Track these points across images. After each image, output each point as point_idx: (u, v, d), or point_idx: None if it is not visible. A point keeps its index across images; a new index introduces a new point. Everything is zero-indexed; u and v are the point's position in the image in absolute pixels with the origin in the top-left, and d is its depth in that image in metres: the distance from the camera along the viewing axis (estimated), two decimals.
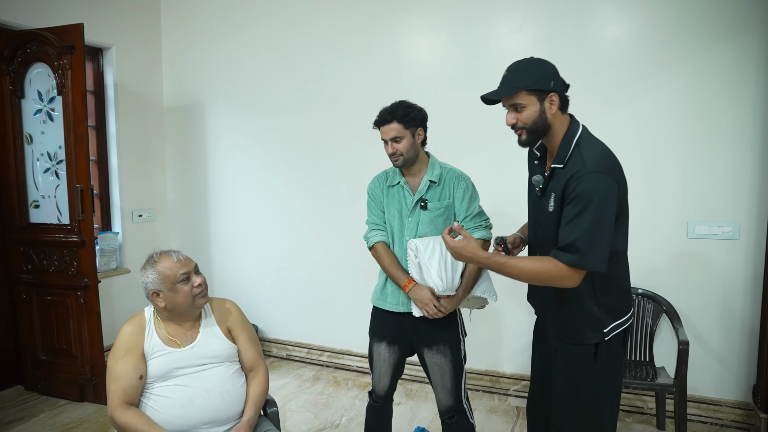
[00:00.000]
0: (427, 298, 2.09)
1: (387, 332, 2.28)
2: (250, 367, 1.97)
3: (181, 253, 1.90)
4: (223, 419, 1.84)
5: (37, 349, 3.42)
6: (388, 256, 2.22)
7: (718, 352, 2.95)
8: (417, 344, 2.25)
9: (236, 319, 2.00)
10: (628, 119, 2.99)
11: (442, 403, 2.24)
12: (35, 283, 3.37)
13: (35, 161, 3.35)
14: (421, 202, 2.18)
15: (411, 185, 2.23)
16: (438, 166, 2.23)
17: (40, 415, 3.15)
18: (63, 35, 3.13)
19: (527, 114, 1.66)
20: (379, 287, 2.31)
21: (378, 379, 2.32)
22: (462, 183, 2.20)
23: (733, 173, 2.84)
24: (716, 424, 2.94)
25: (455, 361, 2.20)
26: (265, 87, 3.97)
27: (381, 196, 2.28)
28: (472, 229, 2.20)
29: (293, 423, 3.08)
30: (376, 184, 2.32)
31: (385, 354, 2.28)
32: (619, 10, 3.00)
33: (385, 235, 2.27)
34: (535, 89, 1.64)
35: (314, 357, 3.98)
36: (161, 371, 1.81)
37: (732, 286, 2.89)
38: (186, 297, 1.83)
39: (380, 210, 2.29)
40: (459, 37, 3.37)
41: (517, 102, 1.66)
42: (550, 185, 1.70)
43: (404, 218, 2.21)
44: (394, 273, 2.18)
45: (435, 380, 2.23)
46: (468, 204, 2.20)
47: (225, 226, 4.27)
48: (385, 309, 2.27)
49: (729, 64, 2.79)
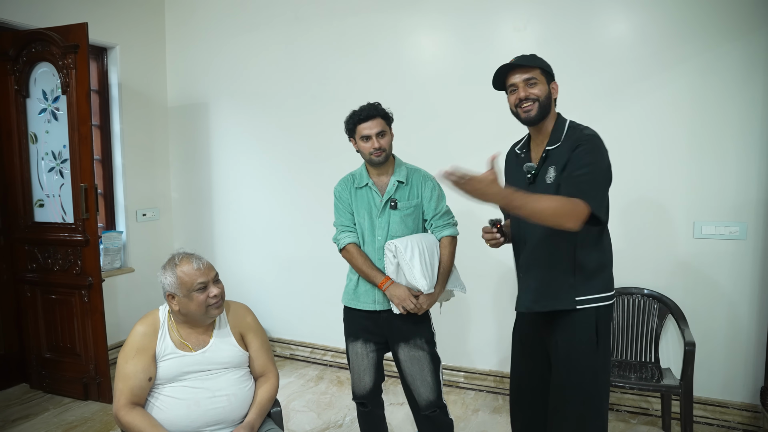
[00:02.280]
0: (404, 294, 2.14)
1: (362, 331, 2.31)
2: (261, 373, 1.97)
3: (203, 260, 1.88)
4: (228, 422, 1.84)
5: (41, 348, 3.43)
6: (361, 256, 2.25)
7: (725, 353, 2.92)
8: (393, 341, 2.27)
9: (250, 325, 2.00)
10: (632, 118, 2.96)
11: (423, 398, 2.25)
12: (40, 282, 3.38)
13: (40, 160, 3.36)
14: (391, 202, 2.23)
15: (378, 186, 2.27)
16: (404, 167, 2.29)
17: (45, 413, 3.16)
18: (67, 35, 3.14)
19: (540, 89, 1.83)
20: (351, 288, 2.33)
21: (358, 379, 2.33)
22: (429, 183, 2.28)
23: (739, 173, 2.81)
24: (723, 426, 2.92)
25: (432, 353, 2.26)
26: (269, 86, 3.97)
27: (349, 198, 2.31)
28: (441, 227, 2.28)
29: (296, 422, 3.08)
30: (343, 186, 2.34)
31: (362, 352, 2.30)
32: (623, 9, 2.98)
33: (355, 236, 2.30)
34: (547, 72, 1.85)
35: (318, 356, 3.98)
36: (171, 374, 1.81)
37: (739, 287, 2.87)
38: (199, 306, 1.82)
39: (348, 212, 2.31)
40: (463, 36, 3.35)
41: (533, 76, 1.82)
42: (545, 165, 1.83)
43: (374, 218, 2.25)
44: (369, 272, 2.22)
45: (414, 375, 2.25)
46: (436, 203, 2.27)
47: (229, 226, 4.27)
48: (358, 308, 2.30)
49: (735, 63, 2.77)
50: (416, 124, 3.41)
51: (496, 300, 3.39)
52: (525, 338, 2.04)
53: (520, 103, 1.84)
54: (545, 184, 1.80)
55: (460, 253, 2.36)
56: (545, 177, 1.81)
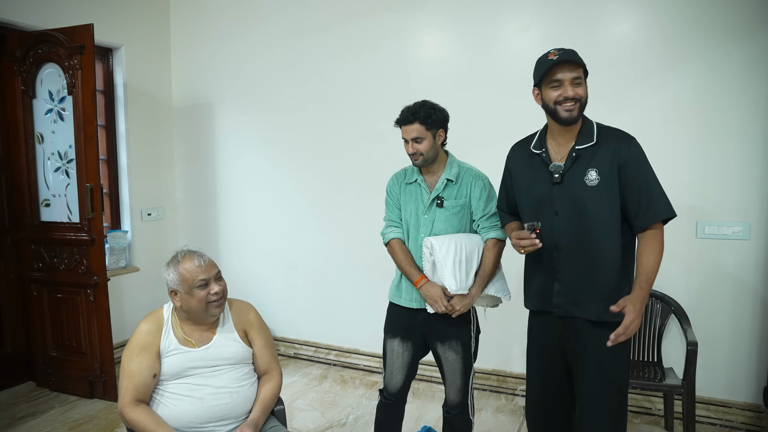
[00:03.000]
0: (437, 295, 2.11)
1: (401, 328, 2.29)
2: (265, 370, 1.99)
3: (205, 257, 1.89)
4: (231, 417, 1.85)
5: (48, 346, 3.46)
6: (402, 252, 2.24)
7: (728, 353, 2.92)
8: (430, 339, 2.26)
9: (254, 322, 2.01)
10: (636, 118, 2.96)
11: (450, 398, 2.27)
12: (46, 281, 3.41)
13: (46, 160, 3.39)
14: (437, 200, 2.20)
15: (428, 183, 2.24)
16: (456, 165, 2.25)
17: (51, 411, 3.19)
18: (73, 36, 3.16)
19: (583, 90, 1.81)
20: (395, 283, 2.33)
21: (390, 376, 2.32)
22: (479, 182, 2.22)
23: (742, 173, 2.81)
24: (726, 426, 2.92)
25: (465, 358, 2.22)
26: (273, 86, 3.99)
27: (398, 194, 2.30)
28: (488, 229, 2.21)
29: (300, 421, 3.09)
30: (395, 181, 2.34)
31: (399, 350, 2.28)
32: (626, 9, 2.98)
33: (401, 231, 2.29)
34: (586, 73, 1.83)
35: (322, 355, 3.99)
36: (175, 370, 1.83)
37: (742, 287, 2.87)
38: (200, 303, 1.83)
39: (396, 207, 2.30)
40: (467, 36, 3.36)
41: (579, 75, 1.79)
42: (577, 165, 1.81)
43: (420, 215, 2.23)
44: (407, 269, 2.21)
45: (447, 375, 2.26)
46: (485, 203, 2.21)
47: (233, 225, 4.29)
48: (399, 305, 2.29)
49: (739, 62, 2.77)
50: None
51: None
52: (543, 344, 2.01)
53: (564, 101, 1.78)
54: (585, 186, 1.79)
55: None
56: (583, 179, 1.79)
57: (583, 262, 1.83)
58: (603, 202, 1.78)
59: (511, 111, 3.23)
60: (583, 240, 1.81)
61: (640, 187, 1.76)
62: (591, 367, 1.84)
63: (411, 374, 2.34)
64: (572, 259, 1.85)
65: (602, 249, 1.80)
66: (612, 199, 1.77)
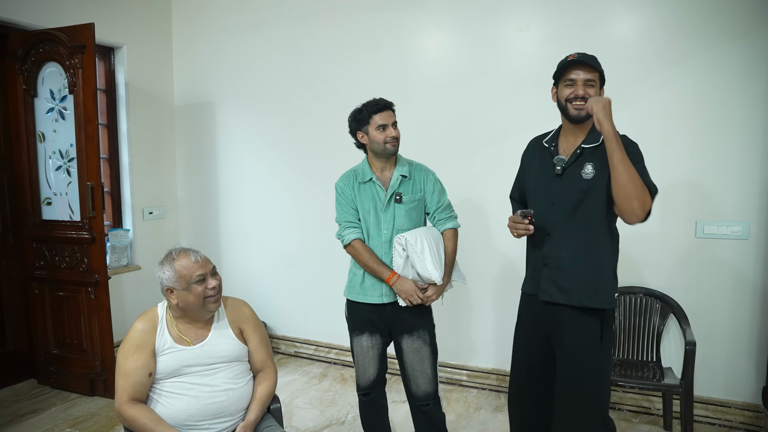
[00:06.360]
0: (411, 289, 2.19)
1: (367, 324, 2.34)
2: (260, 368, 2.00)
3: (200, 254, 1.91)
4: (226, 415, 1.86)
5: (49, 344, 3.48)
6: (367, 252, 2.28)
7: (727, 353, 2.92)
8: (396, 332, 2.31)
9: (249, 320, 2.02)
10: (635, 118, 2.95)
11: (422, 389, 2.29)
12: (47, 279, 3.43)
13: (47, 159, 3.41)
14: (396, 196, 2.26)
15: (382, 180, 2.30)
16: (405, 161, 2.34)
17: (52, 408, 3.21)
18: (74, 35, 3.17)
19: (594, 92, 1.89)
20: (357, 282, 2.35)
21: (363, 371, 2.37)
22: (430, 177, 2.34)
23: (742, 172, 2.80)
24: (725, 426, 2.91)
25: (433, 346, 2.31)
26: (274, 85, 4.00)
27: (352, 194, 2.32)
28: (444, 220, 2.32)
29: (299, 419, 3.10)
30: (346, 182, 2.35)
31: (367, 344, 2.34)
32: (626, 8, 2.97)
33: (360, 231, 2.31)
34: (602, 78, 1.94)
35: (322, 354, 4.00)
36: (170, 368, 1.84)
37: (741, 287, 2.86)
38: (198, 298, 1.84)
39: (352, 208, 2.33)
40: (467, 35, 3.36)
41: (593, 78, 1.89)
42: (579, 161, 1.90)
43: (380, 213, 2.27)
44: (375, 268, 2.25)
45: (414, 366, 2.29)
46: (438, 196, 2.32)
47: (234, 224, 4.31)
48: (365, 302, 2.33)
49: (738, 62, 2.76)
50: (420, 122, 3.42)
51: (498, 300, 3.40)
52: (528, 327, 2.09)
53: (574, 99, 1.88)
54: (581, 179, 1.88)
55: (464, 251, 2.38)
56: (580, 172, 1.88)
57: (572, 251, 1.91)
58: (595, 196, 1.86)
59: (512, 110, 3.23)
60: (574, 230, 1.90)
61: None
62: (566, 358, 1.91)
63: (383, 366, 2.39)
64: (562, 247, 1.93)
65: (590, 240, 1.89)
66: (607, 188, 1.84)
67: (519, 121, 3.20)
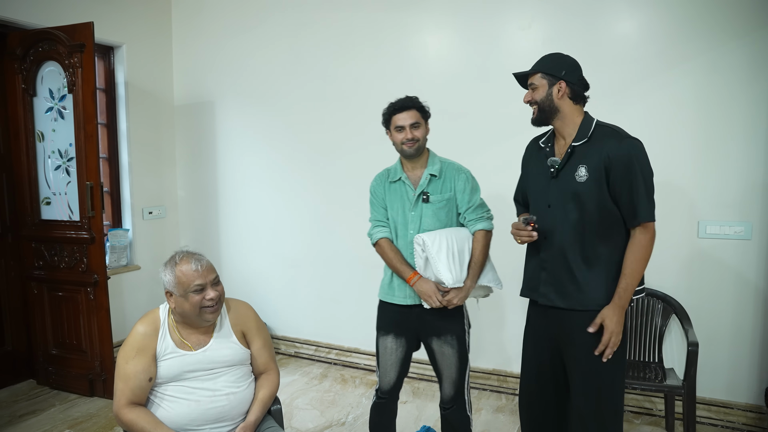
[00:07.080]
0: (431, 290, 2.14)
1: (394, 325, 2.30)
2: (263, 370, 1.98)
3: (204, 261, 1.84)
4: (227, 419, 1.84)
5: (48, 344, 3.47)
6: (392, 251, 2.25)
7: (730, 353, 2.90)
8: (424, 335, 2.27)
9: (252, 323, 1.99)
10: (637, 117, 2.94)
11: (446, 392, 2.28)
12: (46, 279, 3.42)
13: (47, 158, 3.40)
14: (423, 195, 2.22)
15: (412, 180, 2.27)
16: (437, 160, 2.28)
17: (51, 408, 3.20)
18: (74, 34, 3.16)
19: (537, 93, 1.92)
20: (386, 282, 2.33)
21: (384, 373, 2.33)
22: (462, 176, 2.26)
23: (744, 172, 2.79)
24: (727, 427, 2.90)
25: (461, 351, 2.25)
26: (275, 84, 3.98)
27: (383, 193, 2.32)
28: (475, 221, 2.24)
29: (300, 420, 3.09)
30: (378, 181, 2.36)
31: (392, 347, 2.30)
32: (628, 7, 2.96)
33: (388, 231, 2.30)
34: (547, 74, 1.91)
35: (322, 354, 3.99)
36: (171, 373, 1.81)
37: (743, 287, 2.85)
38: (194, 307, 1.79)
39: (382, 207, 2.32)
40: (468, 34, 3.35)
41: (532, 82, 1.93)
42: (572, 161, 1.88)
43: (407, 212, 2.24)
44: (399, 267, 2.22)
45: (442, 370, 2.26)
46: (469, 196, 2.25)
47: (235, 224, 4.29)
48: (393, 303, 2.29)
49: (741, 61, 2.74)
50: None
51: (499, 300, 3.38)
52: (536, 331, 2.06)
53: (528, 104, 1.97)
54: (574, 181, 1.85)
55: None
56: (574, 174, 1.86)
57: (569, 255, 1.88)
58: (590, 198, 1.83)
59: (512, 110, 3.21)
60: (571, 233, 1.87)
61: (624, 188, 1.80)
62: (580, 362, 1.88)
63: (404, 371, 2.35)
64: (559, 251, 1.90)
65: (587, 243, 1.86)
66: (599, 196, 1.81)
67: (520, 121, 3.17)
